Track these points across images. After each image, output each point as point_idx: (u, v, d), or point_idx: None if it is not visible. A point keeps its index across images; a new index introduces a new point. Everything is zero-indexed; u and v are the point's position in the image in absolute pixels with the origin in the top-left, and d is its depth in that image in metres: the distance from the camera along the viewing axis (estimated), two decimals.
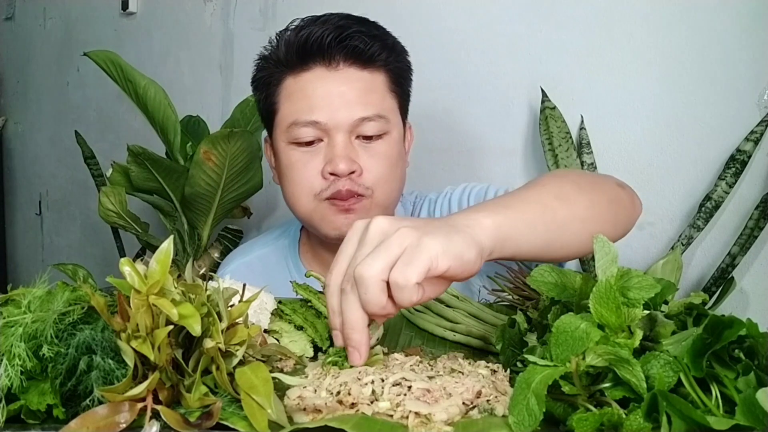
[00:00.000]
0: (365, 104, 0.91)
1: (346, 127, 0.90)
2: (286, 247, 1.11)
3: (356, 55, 0.91)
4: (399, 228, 0.54)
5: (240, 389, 0.49)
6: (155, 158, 1.57)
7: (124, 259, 0.49)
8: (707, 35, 1.24)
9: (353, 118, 0.90)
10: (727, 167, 1.20)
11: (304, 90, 0.91)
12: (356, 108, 0.90)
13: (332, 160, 0.90)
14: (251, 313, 0.65)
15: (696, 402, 0.45)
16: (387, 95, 0.94)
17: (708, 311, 0.51)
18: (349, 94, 0.90)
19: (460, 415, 0.50)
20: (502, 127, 1.49)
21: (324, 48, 0.89)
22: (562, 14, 1.39)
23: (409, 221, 0.56)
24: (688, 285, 1.29)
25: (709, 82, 1.25)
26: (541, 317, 0.59)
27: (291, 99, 0.93)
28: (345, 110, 0.90)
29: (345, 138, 0.91)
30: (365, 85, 0.92)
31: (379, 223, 0.56)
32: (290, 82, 0.93)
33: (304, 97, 0.91)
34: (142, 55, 2.19)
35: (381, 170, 0.93)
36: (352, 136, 0.92)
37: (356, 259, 0.54)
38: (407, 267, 0.52)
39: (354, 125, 0.91)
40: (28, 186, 2.87)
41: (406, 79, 1.00)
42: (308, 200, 0.93)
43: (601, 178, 0.85)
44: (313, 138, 0.91)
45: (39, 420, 0.49)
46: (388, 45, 0.94)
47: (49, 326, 0.49)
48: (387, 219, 0.56)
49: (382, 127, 0.93)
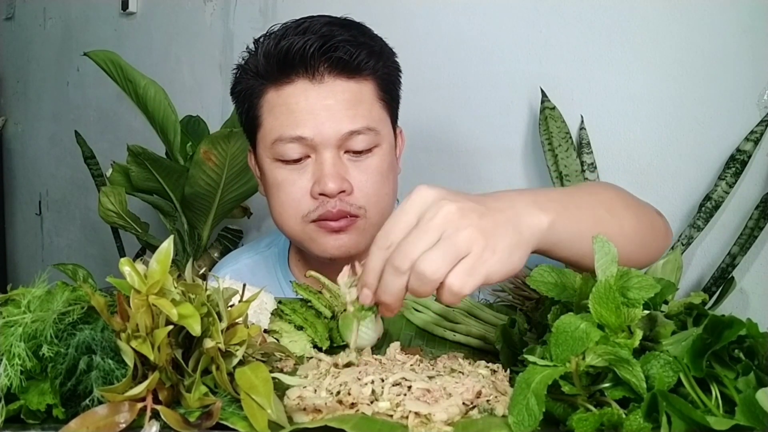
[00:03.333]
0: (353, 117, 0.86)
1: (334, 142, 0.85)
2: (276, 255, 1.07)
3: (342, 66, 0.85)
4: (468, 226, 0.53)
5: (240, 389, 0.49)
6: (155, 158, 1.57)
7: (124, 259, 0.49)
8: (707, 35, 1.24)
9: (341, 133, 0.85)
10: (727, 167, 1.20)
11: (288, 104, 0.86)
12: (344, 122, 0.85)
13: (320, 179, 0.85)
14: (251, 313, 0.65)
15: (696, 402, 0.45)
16: (376, 104, 0.89)
17: (708, 311, 0.51)
18: (336, 107, 0.85)
19: (460, 415, 0.50)
20: (502, 127, 1.49)
21: (306, 60, 0.84)
22: (562, 14, 1.39)
23: (476, 214, 0.54)
24: (688, 285, 1.28)
25: (709, 82, 1.24)
26: (541, 317, 0.59)
27: (274, 113, 0.87)
28: (332, 124, 0.85)
29: (333, 154, 0.86)
30: (352, 96, 0.86)
31: (449, 209, 0.54)
32: (272, 96, 0.88)
33: (288, 112, 0.86)
34: (142, 55, 2.19)
35: (373, 187, 0.88)
36: (340, 151, 0.87)
37: (415, 243, 0.53)
38: (468, 277, 0.52)
39: (342, 140, 0.86)
40: (28, 186, 2.87)
41: (395, 83, 0.95)
42: (296, 222, 0.89)
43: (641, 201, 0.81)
44: (300, 155, 0.87)
45: (39, 420, 0.49)
46: (375, 51, 0.89)
47: (48, 326, 0.49)
48: (457, 206, 0.54)
49: (372, 140, 0.88)
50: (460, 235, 0.52)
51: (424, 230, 0.53)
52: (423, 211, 0.55)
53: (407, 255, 0.53)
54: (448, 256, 0.52)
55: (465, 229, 0.53)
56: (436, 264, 0.52)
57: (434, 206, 0.54)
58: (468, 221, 0.53)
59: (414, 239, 0.53)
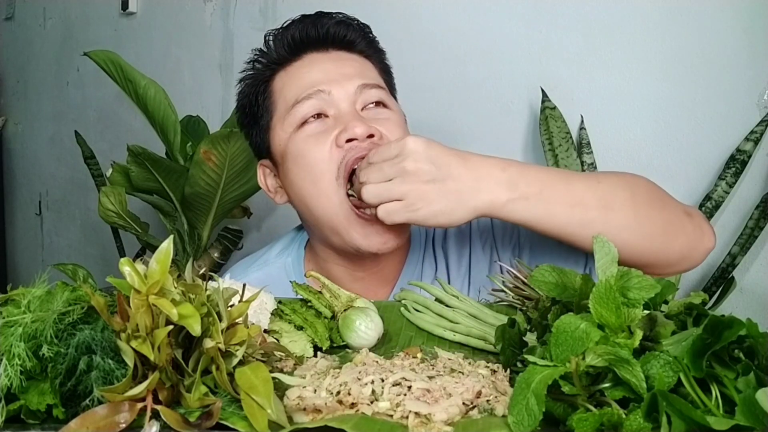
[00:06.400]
0: (362, 74, 0.90)
1: (351, 96, 0.87)
2: (290, 265, 0.99)
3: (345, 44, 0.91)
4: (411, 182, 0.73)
5: (240, 389, 0.49)
6: (155, 158, 1.57)
7: (124, 259, 0.49)
8: (707, 35, 1.24)
9: (355, 86, 0.87)
10: (727, 167, 1.20)
11: (300, 73, 0.89)
12: (354, 78, 0.88)
13: (346, 125, 0.83)
14: (251, 313, 0.65)
15: (696, 402, 0.45)
16: (380, 80, 0.93)
17: (708, 311, 0.51)
18: (345, 67, 0.89)
19: (460, 415, 0.50)
20: (502, 126, 1.49)
21: (314, 35, 0.90)
22: (562, 15, 1.39)
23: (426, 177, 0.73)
24: (688, 285, 1.29)
25: (709, 82, 1.25)
26: (541, 317, 0.59)
27: (287, 86, 0.89)
28: (345, 81, 0.87)
29: (352, 108, 0.86)
30: (358, 64, 0.91)
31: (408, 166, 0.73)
32: (282, 74, 0.91)
33: (301, 77, 0.89)
34: (142, 55, 2.19)
35: (401, 134, 0.86)
36: (357, 107, 0.87)
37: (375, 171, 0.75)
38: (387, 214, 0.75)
39: (357, 94, 0.87)
40: (28, 186, 2.87)
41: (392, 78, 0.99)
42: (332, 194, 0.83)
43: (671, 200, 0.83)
44: (319, 111, 0.86)
45: (39, 420, 0.49)
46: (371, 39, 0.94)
47: (48, 326, 0.49)
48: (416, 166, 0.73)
49: (384, 97, 0.90)
50: (400, 187, 0.73)
51: (385, 168, 0.74)
52: (401, 154, 0.73)
53: (367, 175, 0.76)
54: (384, 195, 0.74)
55: (407, 184, 0.73)
56: (372, 193, 0.75)
57: (407, 157, 0.73)
58: (412, 180, 0.73)
59: (375, 169, 0.75)
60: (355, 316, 0.70)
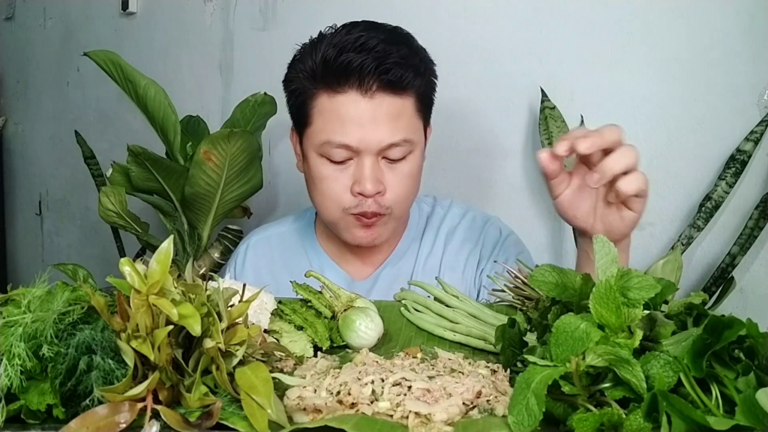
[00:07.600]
0: (394, 130, 0.96)
1: (375, 151, 0.96)
2: (302, 228, 1.18)
3: (392, 86, 0.95)
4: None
5: (240, 389, 0.49)
6: (155, 158, 1.57)
7: (124, 259, 0.49)
8: (707, 35, 1.24)
9: (382, 144, 0.95)
10: (727, 167, 1.20)
11: (338, 112, 0.95)
12: (386, 135, 0.96)
13: (360, 180, 0.96)
14: (251, 313, 0.65)
15: (696, 402, 0.45)
16: (414, 117, 0.99)
17: (708, 311, 0.51)
18: (380, 120, 0.95)
19: (460, 415, 0.50)
20: (502, 127, 1.49)
21: (362, 77, 0.94)
22: (562, 14, 1.39)
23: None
24: (688, 285, 1.29)
25: (709, 82, 1.24)
26: (541, 317, 0.59)
27: (324, 117, 0.97)
28: (375, 136, 0.95)
29: (373, 160, 0.96)
30: (395, 111, 0.96)
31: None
32: (324, 100, 0.97)
33: (338, 119, 0.95)
34: (142, 55, 2.18)
35: (404, 189, 1.01)
36: (378, 157, 0.97)
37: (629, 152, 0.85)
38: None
39: (382, 150, 0.96)
40: (28, 186, 2.87)
41: (433, 92, 1.05)
42: (336, 211, 1.00)
43: None
44: (344, 159, 0.97)
45: (39, 420, 0.49)
46: (420, 72, 0.98)
47: (48, 326, 0.49)
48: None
49: (407, 150, 0.98)
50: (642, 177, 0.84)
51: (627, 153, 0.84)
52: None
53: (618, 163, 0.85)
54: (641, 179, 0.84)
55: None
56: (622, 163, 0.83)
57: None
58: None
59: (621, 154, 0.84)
60: (355, 316, 0.70)
